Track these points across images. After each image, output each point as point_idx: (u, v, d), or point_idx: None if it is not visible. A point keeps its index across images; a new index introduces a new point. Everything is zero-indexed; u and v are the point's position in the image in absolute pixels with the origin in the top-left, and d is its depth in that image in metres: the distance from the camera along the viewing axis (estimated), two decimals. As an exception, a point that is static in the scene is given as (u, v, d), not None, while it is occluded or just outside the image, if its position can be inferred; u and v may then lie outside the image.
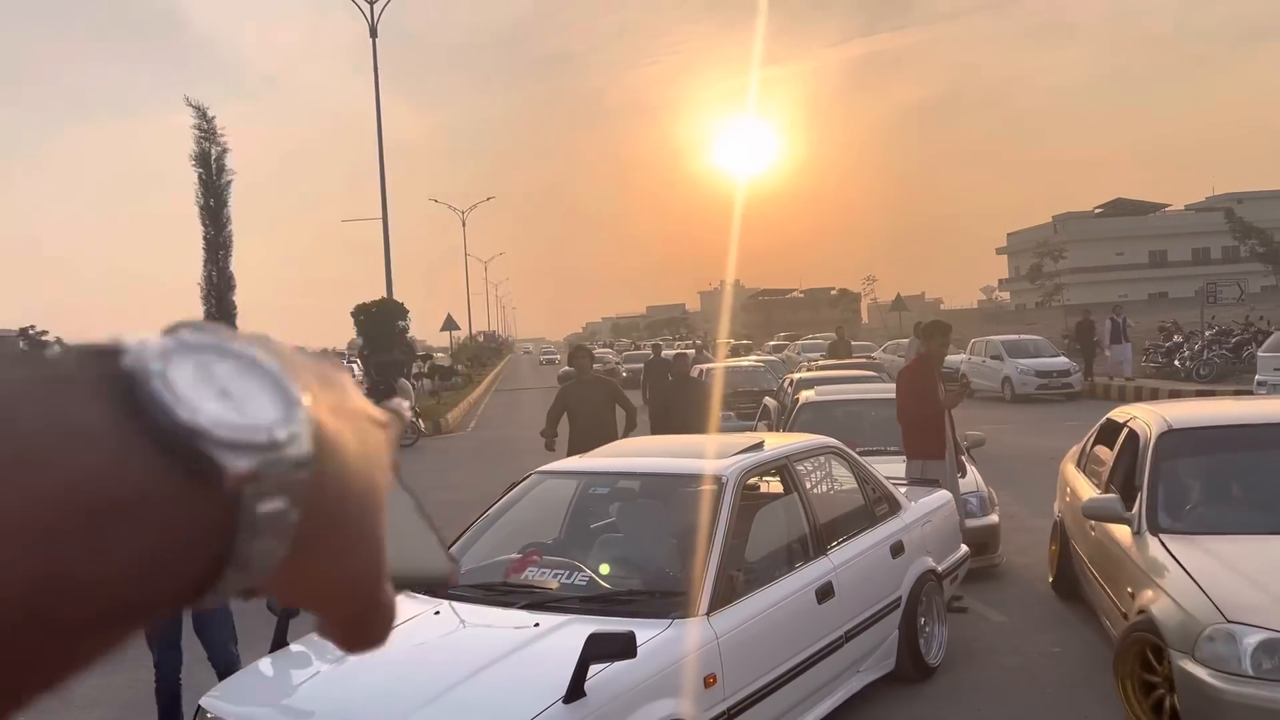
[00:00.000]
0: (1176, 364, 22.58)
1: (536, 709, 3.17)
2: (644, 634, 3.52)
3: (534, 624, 3.82)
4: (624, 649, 3.28)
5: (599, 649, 3.25)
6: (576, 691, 3.22)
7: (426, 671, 3.58)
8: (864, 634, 4.85)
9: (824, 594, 4.55)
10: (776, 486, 5.12)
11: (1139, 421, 5.58)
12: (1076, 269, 61.62)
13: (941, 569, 5.67)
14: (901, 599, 5.21)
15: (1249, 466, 5.29)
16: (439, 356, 44.74)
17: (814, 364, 18.67)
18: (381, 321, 26.08)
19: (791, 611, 4.34)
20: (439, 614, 4.15)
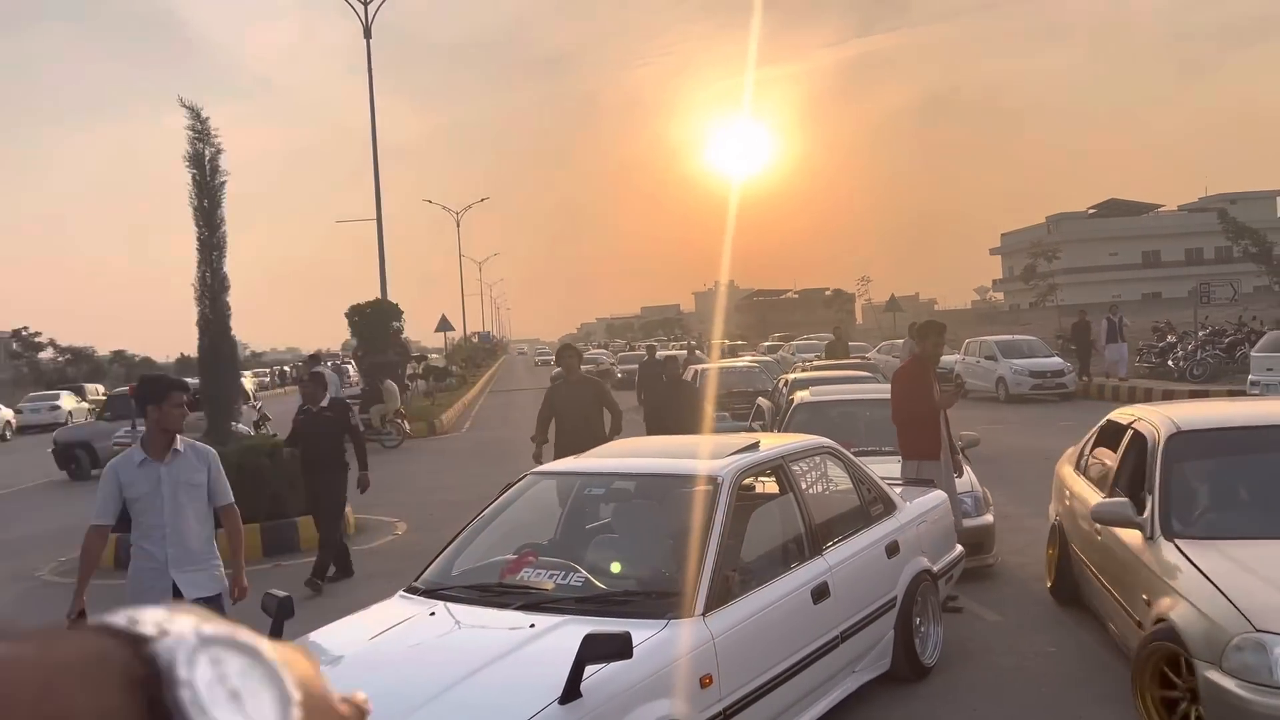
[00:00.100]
0: (1170, 364, 22.64)
1: (533, 710, 3.16)
2: (640, 635, 3.52)
3: (530, 625, 3.82)
4: (620, 650, 3.27)
5: (595, 650, 3.24)
6: (572, 692, 3.22)
7: (422, 673, 3.58)
8: (859, 634, 4.86)
9: (819, 594, 4.55)
10: (772, 487, 5.12)
11: (1144, 423, 5.45)
12: (1070, 269, 61.72)
13: (936, 569, 5.68)
14: (897, 599, 5.21)
15: (1261, 469, 5.15)
16: (434, 357, 44.68)
17: (809, 364, 18.69)
18: (376, 322, 26.05)
19: (787, 612, 4.34)
20: (434, 615, 4.14)
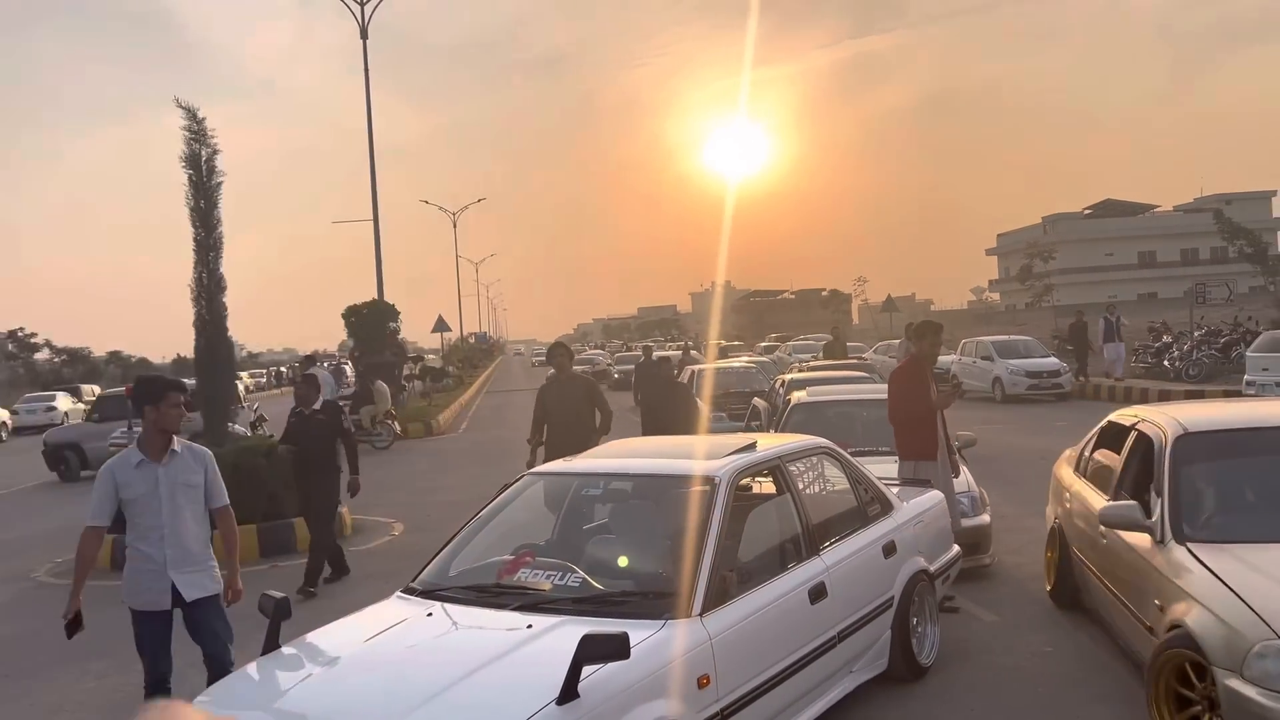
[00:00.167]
0: (1166, 364, 22.69)
1: (530, 710, 3.16)
2: (637, 635, 3.52)
3: (527, 625, 3.81)
4: (617, 650, 3.27)
5: (592, 650, 3.24)
6: (570, 693, 3.21)
7: (419, 674, 3.57)
8: (857, 634, 4.86)
9: (817, 594, 4.55)
10: (769, 487, 5.11)
11: (1149, 425, 5.35)
12: (1066, 270, 61.86)
13: (933, 569, 5.68)
14: (894, 599, 5.21)
15: (1271, 471, 5.07)
16: (430, 358, 44.65)
17: (805, 365, 18.71)
18: (373, 323, 26.06)
19: (784, 612, 4.34)
20: (432, 616, 4.14)
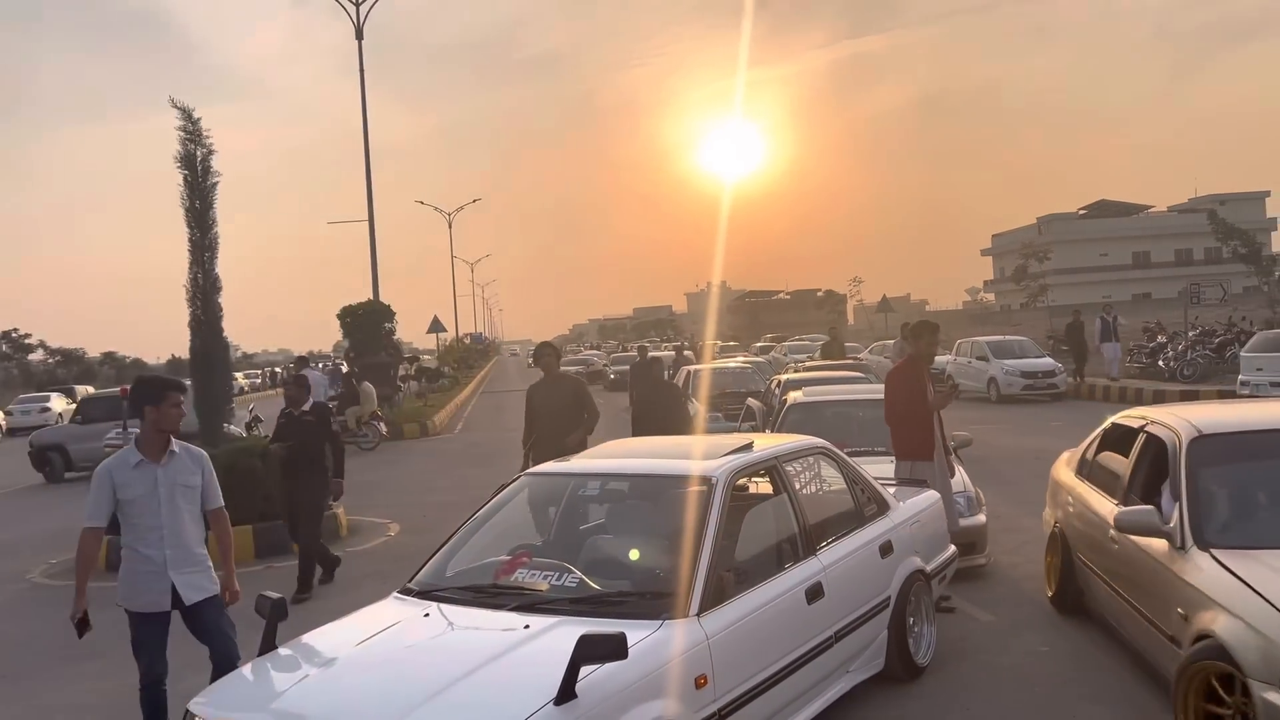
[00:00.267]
0: (1160, 364, 22.74)
1: (528, 711, 3.15)
2: (634, 635, 3.52)
3: (524, 626, 3.81)
4: (615, 650, 3.27)
5: (590, 650, 3.24)
6: (567, 693, 3.21)
7: (416, 674, 3.57)
8: (853, 634, 4.86)
9: (814, 594, 4.55)
10: (766, 487, 5.11)
11: (1160, 427, 5.21)
12: (1061, 270, 61.92)
13: (930, 569, 5.69)
14: (890, 599, 5.22)
15: None
16: (426, 358, 44.64)
17: (801, 365, 18.73)
18: (368, 324, 26.00)
19: (781, 612, 4.34)
20: (428, 616, 4.13)
